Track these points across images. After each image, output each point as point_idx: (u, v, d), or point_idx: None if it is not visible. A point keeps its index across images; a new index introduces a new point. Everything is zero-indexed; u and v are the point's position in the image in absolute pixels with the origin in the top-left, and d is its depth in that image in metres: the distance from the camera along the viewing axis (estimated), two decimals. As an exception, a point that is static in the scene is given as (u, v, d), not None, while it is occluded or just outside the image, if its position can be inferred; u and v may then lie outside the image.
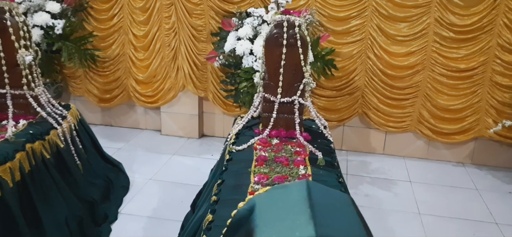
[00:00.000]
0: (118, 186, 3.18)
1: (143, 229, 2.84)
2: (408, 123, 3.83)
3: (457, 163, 3.91)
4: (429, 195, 3.33)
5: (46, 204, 2.44)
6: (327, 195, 0.72)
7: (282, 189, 0.74)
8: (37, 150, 2.47)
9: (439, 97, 3.67)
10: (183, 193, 3.21)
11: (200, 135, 4.29)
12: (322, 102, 3.85)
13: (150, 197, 3.19)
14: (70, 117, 2.86)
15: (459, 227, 2.95)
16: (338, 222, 0.67)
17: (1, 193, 2.14)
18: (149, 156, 3.85)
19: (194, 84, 3.99)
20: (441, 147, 3.90)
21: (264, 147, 2.47)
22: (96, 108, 4.40)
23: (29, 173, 2.36)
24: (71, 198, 2.63)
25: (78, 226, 2.60)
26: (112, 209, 2.96)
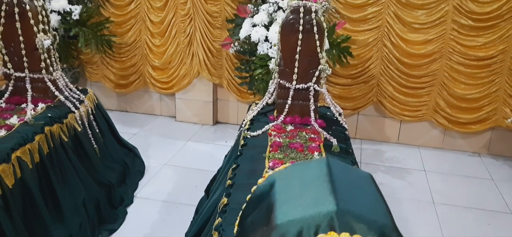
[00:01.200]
0: (134, 171, 3.23)
1: (158, 213, 2.88)
2: (424, 112, 3.79)
3: (473, 153, 3.86)
4: (443, 185, 3.30)
5: (65, 186, 2.50)
6: (348, 172, 0.73)
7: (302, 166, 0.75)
8: (56, 133, 2.52)
9: (456, 86, 3.62)
10: (197, 178, 3.24)
11: (214, 122, 4.31)
12: (337, 90, 3.83)
13: (165, 181, 3.24)
14: (87, 101, 2.90)
15: (474, 216, 2.93)
16: (360, 197, 0.67)
17: (21, 174, 2.19)
18: (164, 141, 3.89)
19: (209, 71, 4.01)
20: (457, 137, 3.86)
21: (279, 133, 2.48)
22: (112, 94, 4.45)
23: (48, 155, 2.41)
24: (88, 181, 2.68)
25: (95, 208, 2.65)
26: (128, 192, 3.01)
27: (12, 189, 2.11)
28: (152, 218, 2.82)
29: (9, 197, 2.07)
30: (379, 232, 0.63)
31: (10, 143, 2.20)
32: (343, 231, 0.62)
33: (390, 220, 0.66)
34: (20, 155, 2.21)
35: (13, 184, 2.13)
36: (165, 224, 2.76)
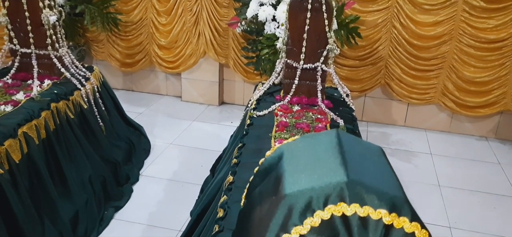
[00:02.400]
0: (139, 149, 3.24)
1: (163, 191, 2.89)
2: (432, 95, 3.75)
3: (480, 137, 3.83)
4: (450, 168, 3.28)
5: (71, 163, 2.51)
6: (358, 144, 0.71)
7: (311, 138, 0.73)
8: (62, 109, 2.52)
9: (465, 69, 3.57)
10: (202, 158, 3.24)
11: (220, 102, 4.29)
12: (344, 72, 3.79)
13: (171, 160, 3.24)
14: (93, 79, 2.89)
15: (480, 200, 2.91)
16: (370, 169, 0.66)
17: (27, 150, 2.20)
18: (170, 121, 3.89)
19: (215, 50, 3.98)
20: (464, 121, 3.82)
21: (285, 113, 2.46)
22: (118, 73, 4.44)
23: (54, 132, 2.41)
24: (94, 158, 2.69)
25: (101, 185, 2.67)
26: (134, 170, 3.03)
27: (19, 165, 2.12)
28: (158, 196, 2.83)
29: (16, 172, 2.08)
30: (389, 203, 0.61)
31: (17, 119, 2.21)
32: (353, 202, 0.61)
33: (401, 192, 0.65)
34: (27, 130, 2.22)
35: (20, 160, 2.14)
36: (171, 202, 2.78)
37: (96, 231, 2.47)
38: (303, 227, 0.61)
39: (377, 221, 0.61)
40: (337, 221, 0.62)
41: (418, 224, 0.62)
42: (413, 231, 0.62)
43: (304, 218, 0.61)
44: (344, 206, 0.60)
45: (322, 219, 0.61)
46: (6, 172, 2.02)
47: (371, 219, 0.61)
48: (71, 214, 2.37)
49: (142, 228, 2.55)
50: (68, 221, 2.32)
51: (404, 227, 0.62)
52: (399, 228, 0.62)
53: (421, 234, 0.63)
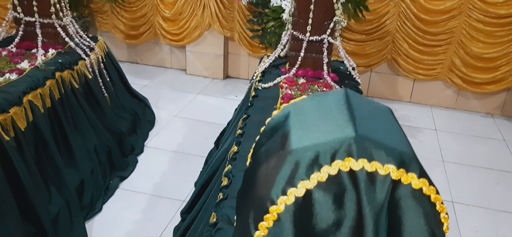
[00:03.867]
0: (144, 121, 3.25)
1: (168, 163, 2.91)
2: (439, 71, 3.71)
3: (486, 114, 3.80)
4: (454, 144, 3.27)
5: (76, 132, 2.52)
6: (367, 103, 0.70)
7: (318, 97, 0.72)
8: (66, 79, 2.51)
9: (474, 45, 3.52)
10: (207, 131, 3.25)
11: (224, 76, 4.27)
12: (350, 47, 3.75)
13: (175, 133, 3.25)
14: (97, 49, 2.88)
15: (483, 175, 2.91)
16: (379, 126, 0.65)
17: (33, 118, 2.20)
18: (174, 94, 3.88)
19: (220, 23, 3.93)
20: (470, 97, 3.79)
21: (291, 86, 2.45)
22: (122, 45, 4.42)
23: (59, 101, 2.41)
24: (99, 128, 2.70)
25: (106, 155, 2.68)
26: (138, 142, 3.04)
27: (24, 132, 2.13)
28: (162, 167, 2.85)
29: (21, 140, 2.09)
30: (398, 159, 0.61)
31: (22, 87, 2.21)
32: (361, 157, 0.60)
33: (409, 148, 0.64)
34: (32, 99, 2.22)
35: (26, 127, 2.15)
36: (175, 173, 2.79)
37: (101, 200, 2.50)
38: (309, 181, 0.61)
39: (385, 177, 0.61)
40: (344, 176, 0.61)
41: (426, 180, 0.62)
42: (421, 187, 0.62)
43: (311, 172, 0.61)
44: (352, 161, 0.60)
45: (329, 174, 0.61)
46: (12, 139, 2.03)
47: (378, 175, 0.60)
48: (77, 183, 2.40)
49: (147, 197, 2.58)
50: (74, 189, 2.34)
51: (412, 183, 0.61)
52: (407, 184, 0.61)
53: (429, 190, 0.62)
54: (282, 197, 0.61)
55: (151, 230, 2.33)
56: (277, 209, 0.61)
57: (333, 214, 0.63)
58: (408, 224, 0.63)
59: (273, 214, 0.62)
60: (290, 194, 0.61)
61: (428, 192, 0.62)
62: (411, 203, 0.62)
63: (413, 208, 0.62)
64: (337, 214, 0.63)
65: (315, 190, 0.61)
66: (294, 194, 0.61)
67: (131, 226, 2.37)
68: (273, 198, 0.62)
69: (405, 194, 0.62)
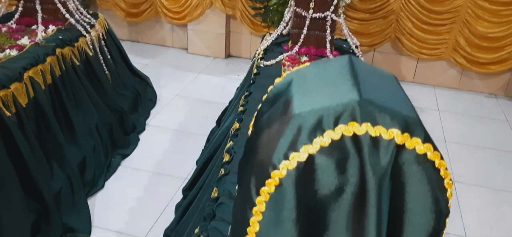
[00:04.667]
0: (145, 99, 3.24)
1: (169, 141, 2.91)
2: (442, 51, 3.67)
3: (490, 94, 3.77)
4: (457, 124, 3.26)
5: (77, 109, 2.51)
6: (372, 69, 0.69)
7: (321, 63, 0.70)
8: (67, 55, 2.49)
9: (479, 24, 3.47)
10: (208, 109, 3.24)
11: (226, 55, 4.24)
12: (354, 25, 3.70)
13: (177, 111, 3.25)
14: (98, 26, 2.85)
15: (485, 155, 2.91)
16: (383, 91, 0.64)
17: (34, 94, 2.20)
18: (176, 73, 3.86)
19: (222, 1, 3.89)
20: (474, 77, 3.76)
21: (293, 64, 2.42)
22: (123, 23, 4.38)
23: (60, 78, 2.40)
24: (100, 106, 2.69)
25: (108, 133, 2.68)
26: (140, 120, 3.04)
27: (26, 109, 2.13)
28: (164, 146, 2.85)
29: (23, 116, 2.09)
30: (402, 123, 0.59)
31: (22, 63, 2.20)
32: (365, 122, 0.59)
33: (414, 113, 0.63)
34: (32, 75, 2.21)
35: (27, 104, 2.14)
36: (177, 152, 2.80)
37: (103, 177, 2.51)
38: (312, 146, 0.60)
39: (389, 141, 0.59)
40: (347, 141, 0.60)
41: (430, 145, 0.61)
42: (425, 152, 0.60)
43: (314, 137, 0.60)
44: (355, 126, 0.59)
45: (332, 139, 0.60)
46: (13, 115, 2.03)
47: (382, 139, 0.59)
48: (79, 160, 2.40)
49: (148, 175, 2.58)
50: (76, 166, 2.35)
51: (416, 148, 0.60)
52: (411, 148, 0.60)
53: (433, 155, 0.61)
54: (284, 161, 0.60)
55: (153, 207, 2.34)
56: (279, 174, 0.61)
57: (336, 180, 0.62)
58: (412, 189, 0.62)
59: (275, 179, 0.61)
60: (292, 158, 0.60)
61: (432, 158, 0.61)
62: (415, 168, 0.61)
63: (417, 173, 0.61)
64: (340, 180, 0.62)
65: (318, 155, 0.60)
66: (296, 159, 0.60)
67: (133, 203, 2.38)
68: (274, 163, 0.61)
69: (409, 160, 0.61)
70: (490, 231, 2.32)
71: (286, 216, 0.63)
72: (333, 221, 0.64)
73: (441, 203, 0.63)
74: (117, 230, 2.20)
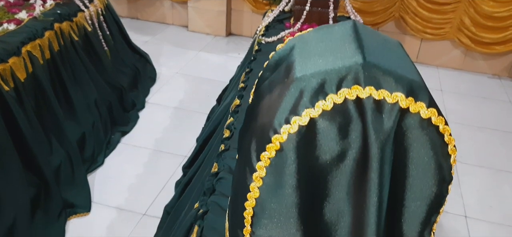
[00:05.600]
0: (145, 76, 3.21)
1: (169, 118, 2.90)
2: (447, 30, 3.62)
3: (493, 75, 3.74)
4: (459, 105, 3.23)
5: (76, 85, 2.49)
6: (376, 34, 0.67)
7: (325, 28, 0.68)
8: (66, 31, 2.46)
9: (484, 3, 3.41)
10: (209, 88, 3.21)
11: (227, 33, 4.19)
12: (357, 4, 3.64)
13: (177, 89, 3.22)
14: (97, 1, 2.81)
15: (487, 136, 2.89)
16: (388, 55, 0.61)
17: (32, 69, 2.17)
18: (176, 51, 3.82)
19: (223, -22, 3.83)
20: (478, 58, 3.72)
21: (294, 40, 2.39)
22: (122, 0, 4.32)
23: (58, 53, 2.37)
24: (100, 82, 2.67)
25: (107, 110, 2.66)
26: (139, 97, 3.01)
27: (24, 83, 2.11)
28: (164, 123, 2.84)
29: (21, 91, 2.07)
30: (407, 87, 0.57)
31: (20, 37, 2.17)
32: (369, 85, 0.57)
33: (419, 77, 0.61)
34: (31, 50, 2.18)
35: (25, 78, 2.12)
36: (177, 129, 2.78)
37: (103, 154, 2.50)
38: (314, 109, 0.58)
39: (393, 105, 0.58)
40: (350, 105, 0.58)
41: (435, 110, 0.59)
42: (429, 116, 0.59)
43: (316, 100, 0.58)
44: (359, 89, 0.57)
45: (334, 102, 0.58)
46: (11, 89, 2.01)
47: (386, 103, 0.57)
48: (78, 136, 2.39)
49: (148, 152, 2.58)
50: (75, 142, 2.34)
51: (421, 112, 0.58)
52: (415, 113, 0.58)
53: (438, 120, 0.59)
54: (285, 125, 0.58)
55: (153, 184, 2.34)
56: (280, 138, 0.59)
57: (337, 145, 0.60)
58: (415, 155, 0.60)
59: (276, 143, 0.59)
60: (294, 122, 0.58)
61: (437, 122, 0.59)
62: (418, 133, 0.59)
63: (420, 138, 0.59)
64: (341, 145, 0.60)
65: (320, 120, 0.59)
66: (297, 123, 0.58)
67: (133, 179, 2.38)
68: (275, 127, 0.59)
69: (413, 124, 0.59)
70: (490, 211, 2.32)
71: (286, 181, 0.62)
72: (334, 187, 0.63)
73: (444, 170, 0.62)
74: (117, 206, 2.20)
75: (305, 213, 0.64)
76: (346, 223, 0.66)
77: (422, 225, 0.65)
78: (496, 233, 2.19)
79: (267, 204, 0.64)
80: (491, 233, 2.19)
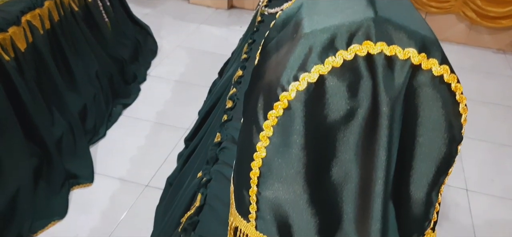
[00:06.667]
0: (146, 49, 3.18)
1: (171, 91, 2.88)
2: (452, 4, 3.56)
3: (498, 50, 3.70)
4: (463, 80, 3.13)
5: (77, 56, 2.47)
6: (386, -10, 0.64)
7: (335, -15, 0.66)
8: (65, 1, 2.42)
9: (491, -24, 3.35)
10: (210, 61, 3.18)
11: (229, 6, 4.13)
12: (360, -24, 3.58)
13: (178, 62, 3.20)
14: (96, -29, 2.75)
15: (490, 111, 2.88)
16: (400, 11, 0.60)
17: (32, 39, 2.15)
18: (177, 23, 3.78)
19: (224, -51, 3.75)
20: (483, 32, 3.67)
21: (297, 11, 2.35)
22: (122, -28, 4.25)
23: (58, 23, 2.34)
24: (100, 53, 2.64)
25: (108, 82, 2.65)
26: (140, 70, 2.99)
27: (24, 53, 2.08)
28: (165, 96, 2.83)
29: (22, 61, 2.05)
30: (419, 43, 0.56)
31: (19, 6, 2.13)
32: (380, 41, 0.55)
33: (431, 33, 0.59)
34: (30, 19, 2.14)
35: (25, 49, 2.09)
36: (178, 102, 2.77)
37: (105, 126, 2.49)
38: (324, 66, 0.56)
39: (404, 61, 0.56)
40: (360, 62, 0.57)
41: (447, 67, 0.58)
42: (442, 74, 0.57)
43: (326, 57, 0.56)
44: (370, 45, 0.55)
45: (344, 59, 0.56)
46: (12, 59, 1.99)
47: (398, 59, 0.56)
48: (79, 107, 2.38)
49: (150, 125, 2.57)
50: (77, 113, 2.33)
51: (433, 69, 0.57)
52: (427, 69, 0.57)
53: (450, 77, 0.58)
54: (294, 83, 0.57)
55: (155, 156, 2.34)
56: (288, 96, 0.58)
57: (346, 104, 0.59)
58: (425, 113, 0.59)
59: (283, 101, 0.58)
60: (302, 79, 0.57)
61: (449, 80, 0.58)
62: (429, 91, 0.58)
63: (431, 96, 0.58)
64: (351, 104, 0.59)
65: (329, 77, 0.57)
66: (306, 79, 0.57)
67: (135, 151, 2.38)
68: (284, 84, 0.58)
69: (424, 82, 0.58)
70: (491, 184, 2.33)
71: (293, 141, 0.61)
72: (342, 147, 0.62)
73: (455, 129, 0.61)
74: (120, 177, 2.21)
75: (312, 173, 0.64)
76: (353, 184, 0.65)
77: (430, 186, 0.64)
78: (497, 206, 2.20)
79: (273, 164, 0.63)
80: (491, 206, 2.20)
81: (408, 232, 0.69)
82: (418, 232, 0.69)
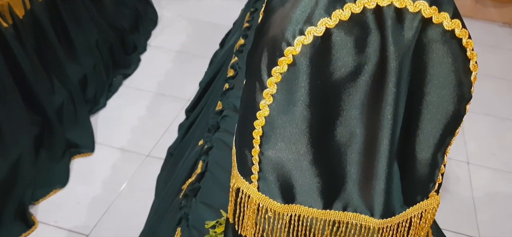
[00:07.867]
0: (146, 19, 3.13)
1: (172, 62, 2.86)
2: (458, -24, 3.49)
3: (504, 24, 3.65)
4: (467, 54, 3.17)
5: (76, 25, 2.43)
6: None
7: None
8: (64, -33, 2.37)
9: None
10: (212, 32, 3.14)
11: (230, -23, 4.05)
12: None
13: (179, 32, 3.16)
14: None
15: (494, 85, 2.86)
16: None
17: (30, 6, 2.11)
18: (177, -6, 3.71)
19: None
20: (489, 5, 3.61)
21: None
22: None
23: (57, -10, 2.30)
24: (100, 23, 2.60)
25: (108, 51, 2.62)
26: (141, 40, 2.96)
27: (23, 20, 2.05)
28: (166, 67, 2.80)
29: (20, 28, 2.02)
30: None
31: (16, -28, 2.08)
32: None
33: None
34: (28, -14, 2.10)
35: (24, 16, 2.06)
36: (179, 73, 2.75)
37: (105, 96, 2.48)
38: (330, 19, 0.54)
39: (415, 14, 0.54)
40: (369, 15, 0.55)
41: (459, 21, 0.55)
42: (453, 28, 0.55)
43: (333, 9, 0.54)
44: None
45: (352, 12, 0.54)
46: (10, 26, 1.96)
47: (408, 12, 0.54)
48: (79, 77, 2.36)
49: (151, 95, 2.56)
50: (77, 82, 2.31)
51: (444, 23, 0.55)
52: (438, 23, 0.55)
53: (461, 33, 0.56)
54: (299, 37, 0.55)
55: (156, 126, 2.33)
56: (293, 51, 0.56)
57: (353, 60, 0.57)
58: (434, 71, 0.58)
59: (288, 56, 0.56)
60: (308, 33, 0.55)
61: (460, 35, 0.56)
62: (439, 47, 0.56)
63: (441, 52, 0.56)
64: (358, 60, 0.57)
65: (335, 31, 0.55)
66: (312, 33, 0.55)
67: (136, 122, 2.37)
68: (288, 39, 0.56)
69: (435, 37, 0.56)
70: (492, 157, 2.33)
71: (298, 99, 0.59)
72: (348, 105, 0.60)
73: (464, 86, 0.59)
74: (121, 147, 2.21)
75: (316, 132, 0.62)
76: (358, 144, 0.64)
77: (436, 146, 0.63)
78: (497, 179, 2.21)
79: (277, 123, 0.61)
80: (492, 179, 2.20)
81: (413, 194, 0.68)
82: (422, 194, 0.68)
